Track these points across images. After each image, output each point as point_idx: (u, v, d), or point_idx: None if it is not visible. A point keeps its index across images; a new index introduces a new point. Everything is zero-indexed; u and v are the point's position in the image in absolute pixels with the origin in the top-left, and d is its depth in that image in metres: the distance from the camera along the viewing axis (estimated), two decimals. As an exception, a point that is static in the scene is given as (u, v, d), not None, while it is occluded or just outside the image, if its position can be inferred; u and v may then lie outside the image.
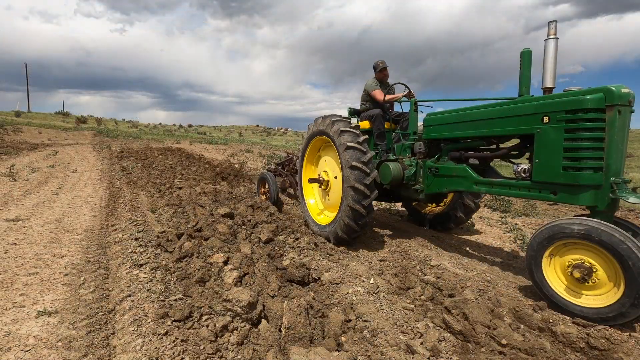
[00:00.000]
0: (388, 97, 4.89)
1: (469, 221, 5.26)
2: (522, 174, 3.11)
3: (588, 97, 2.61)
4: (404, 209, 6.06)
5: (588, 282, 2.52)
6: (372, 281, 3.17)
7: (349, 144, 3.84)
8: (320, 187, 4.68)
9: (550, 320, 2.49)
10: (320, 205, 4.85)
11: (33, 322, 2.41)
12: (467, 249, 4.33)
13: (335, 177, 4.39)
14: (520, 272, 3.62)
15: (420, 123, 4.36)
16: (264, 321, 2.30)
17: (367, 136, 4.09)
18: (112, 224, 4.80)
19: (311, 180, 4.61)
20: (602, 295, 2.51)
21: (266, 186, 6.21)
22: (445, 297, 2.86)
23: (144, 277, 2.98)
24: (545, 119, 2.85)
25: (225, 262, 3.22)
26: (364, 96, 5.20)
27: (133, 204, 5.77)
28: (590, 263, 2.52)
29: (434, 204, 5.10)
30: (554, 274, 2.74)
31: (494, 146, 3.73)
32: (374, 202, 5.68)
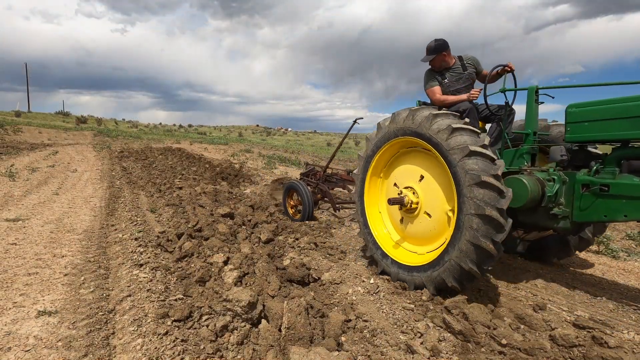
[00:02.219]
0: (452, 99, 3.62)
1: None
2: None
3: None
4: None
5: None
6: (372, 281, 3.17)
7: (454, 126, 2.71)
8: (404, 209, 3.23)
9: (551, 321, 2.49)
10: (395, 235, 3.48)
11: (33, 322, 2.41)
12: (467, 249, 4.33)
13: (421, 178, 3.17)
14: (520, 273, 3.62)
15: (541, 119, 3.23)
16: (264, 321, 2.30)
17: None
18: (112, 224, 4.80)
19: (393, 201, 3.18)
20: None
21: (295, 197, 5.26)
22: (445, 297, 2.86)
23: (144, 277, 2.98)
24: None
25: (225, 262, 3.22)
26: None
27: (133, 204, 5.77)
28: None
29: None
30: None
31: None
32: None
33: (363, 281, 3.18)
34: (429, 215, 3.10)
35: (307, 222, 5.00)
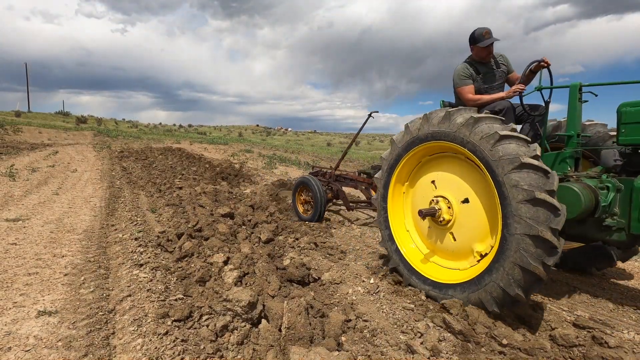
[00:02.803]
0: (487, 98, 3.32)
1: None
2: None
3: None
4: None
5: None
6: (372, 281, 3.17)
7: (501, 132, 2.39)
8: (435, 220, 2.92)
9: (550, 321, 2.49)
10: (424, 248, 3.18)
11: (33, 322, 2.41)
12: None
13: (465, 201, 2.79)
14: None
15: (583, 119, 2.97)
16: (264, 321, 2.30)
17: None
18: (112, 223, 4.80)
19: (425, 213, 2.85)
20: None
21: (303, 195, 5.12)
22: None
23: (144, 277, 2.98)
24: None
25: (226, 262, 3.22)
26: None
27: (133, 203, 5.77)
28: None
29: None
30: None
31: None
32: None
33: (363, 281, 3.18)
34: (454, 237, 2.87)
35: (307, 222, 5.00)
